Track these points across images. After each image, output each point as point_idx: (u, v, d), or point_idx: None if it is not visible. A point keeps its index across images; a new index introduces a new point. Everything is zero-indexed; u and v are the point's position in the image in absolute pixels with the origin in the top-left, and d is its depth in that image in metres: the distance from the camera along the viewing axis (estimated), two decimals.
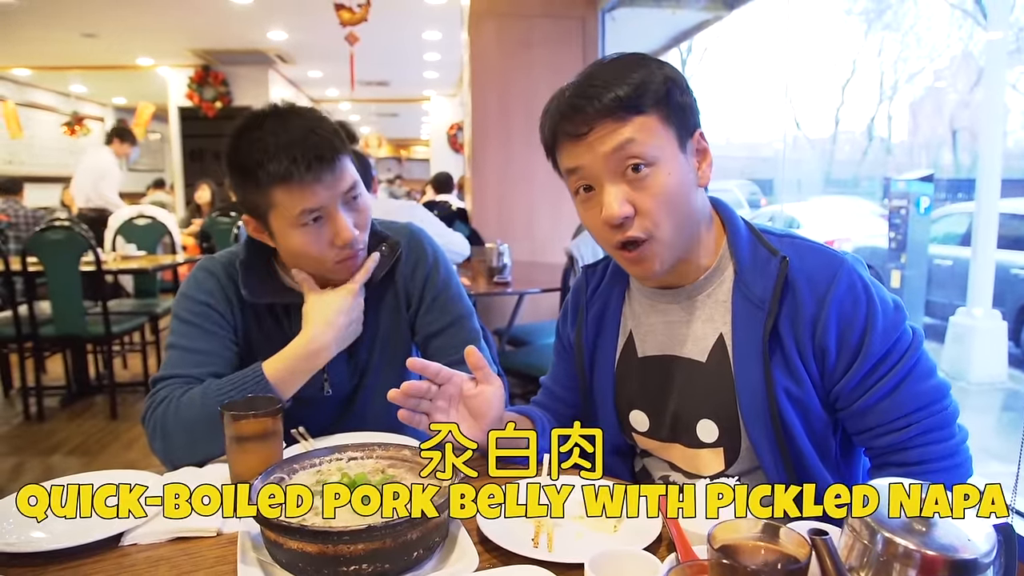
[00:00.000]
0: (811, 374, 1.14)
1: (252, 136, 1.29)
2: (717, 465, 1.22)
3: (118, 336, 4.54)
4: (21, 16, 7.60)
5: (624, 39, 5.23)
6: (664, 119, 1.09)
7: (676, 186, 1.09)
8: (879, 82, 10.32)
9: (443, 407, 1.20)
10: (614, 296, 1.33)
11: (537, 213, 5.29)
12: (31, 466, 3.78)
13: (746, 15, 5.25)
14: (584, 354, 1.34)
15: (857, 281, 1.12)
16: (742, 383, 1.16)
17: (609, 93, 1.06)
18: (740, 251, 1.18)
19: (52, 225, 4.26)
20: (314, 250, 1.33)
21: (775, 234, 1.20)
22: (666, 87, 1.08)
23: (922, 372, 1.12)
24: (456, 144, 13.30)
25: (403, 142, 21.83)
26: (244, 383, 1.31)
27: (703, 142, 1.15)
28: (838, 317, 1.11)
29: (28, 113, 11.69)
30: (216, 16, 7.77)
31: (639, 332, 1.29)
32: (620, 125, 1.07)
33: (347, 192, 1.33)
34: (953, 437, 1.12)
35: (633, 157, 1.07)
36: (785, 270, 1.12)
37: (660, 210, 1.09)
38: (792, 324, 1.13)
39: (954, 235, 6.43)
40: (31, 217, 6.46)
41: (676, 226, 1.11)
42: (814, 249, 1.16)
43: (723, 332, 1.19)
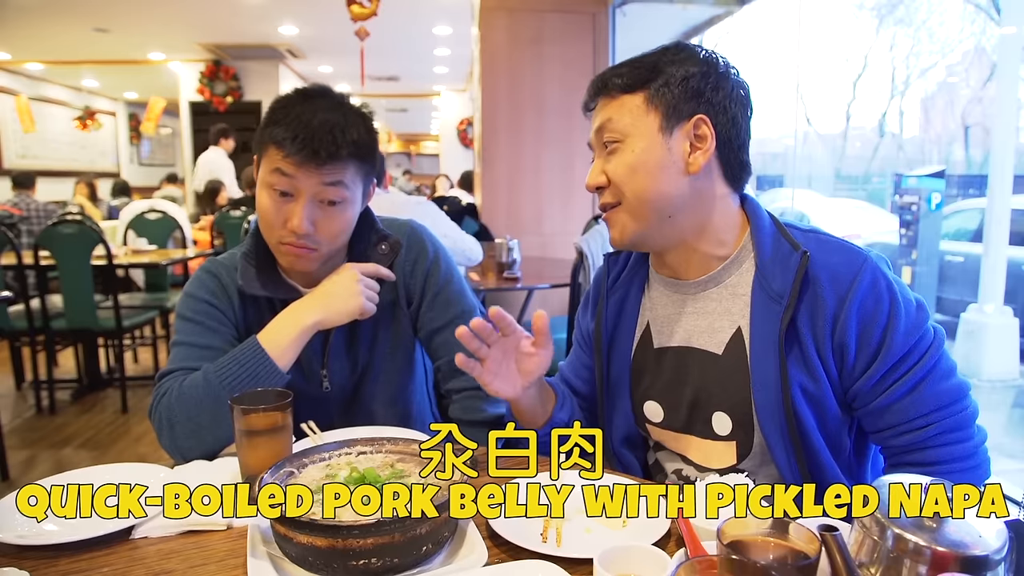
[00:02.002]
0: (828, 371, 1.13)
1: (291, 102, 1.35)
2: (729, 459, 1.22)
3: (129, 330, 4.55)
4: (34, 11, 7.64)
5: (635, 34, 5.22)
6: (648, 100, 1.15)
7: (639, 163, 1.15)
8: (891, 77, 10.26)
9: (497, 357, 1.18)
10: (634, 286, 1.34)
11: (547, 208, 5.29)
12: (43, 459, 3.81)
13: (757, 10, 5.22)
14: (602, 343, 1.34)
15: (880, 279, 1.11)
16: (758, 377, 1.15)
17: (616, 77, 1.18)
18: (762, 244, 1.18)
19: (64, 219, 4.28)
20: (268, 215, 1.36)
21: (800, 229, 1.20)
22: (667, 74, 1.14)
23: (942, 372, 1.11)
24: (466, 139, 13.29)
25: (413, 137, 21.81)
26: (240, 354, 1.33)
27: (705, 129, 1.14)
28: (859, 315, 1.10)
29: (40, 107, 11.75)
30: (227, 11, 7.78)
31: (656, 323, 1.30)
32: (609, 102, 1.19)
33: (327, 186, 1.33)
34: (972, 438, 1.11)
35: (607, 132, 1.18)
36: (806, 264, 1.12)
37: (622, 181, 1.17)
38: (811, 320, 1.12)
39: (966, 231, 6.40)
40: (43, 211, 6.50)
41: (639, 200, 1.16)
42: (838, 245, 1.16)
43: (741, 325, 1.19)
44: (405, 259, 1.52)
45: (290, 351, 1.35)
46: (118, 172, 13.84)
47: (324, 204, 1.35)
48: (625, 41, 5.19)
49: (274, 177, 1.33)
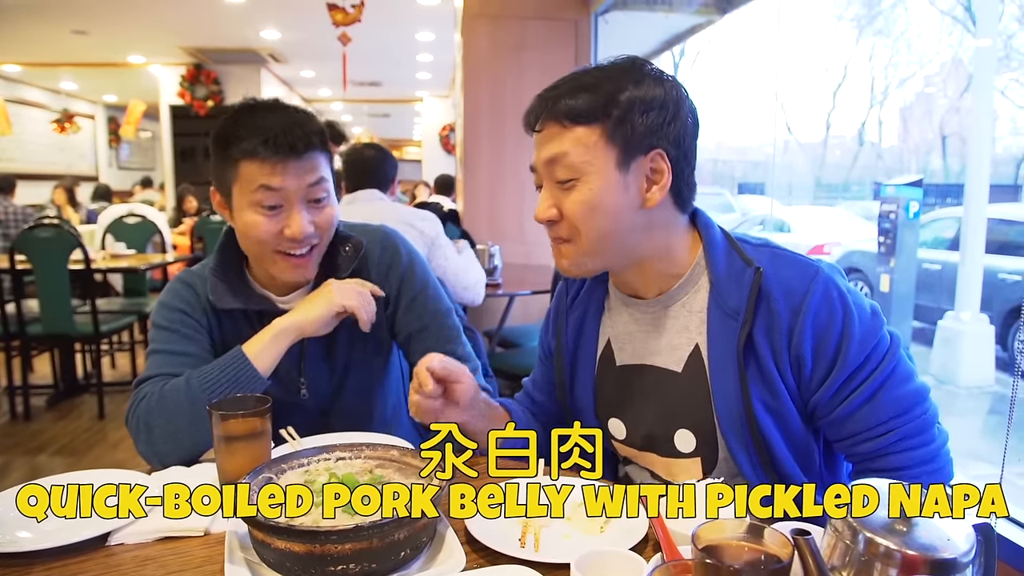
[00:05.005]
0: (787, 385, 1.14)
1: (240, 116, 1.35)
2: (695, 474, 1.22)
3: (107, 335, 4.52)
4: (11, 12, 7.55)
5: (617, 42, 5.24)
6: (607, 135, 1.10)
7: (596, 201, 1.11)
8: (870, 87, 10.38)
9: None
10: (593, 302, 1.34)
11: (528, 215, 5.22)
12: (17, 466, 3.76)
13: (739, 19, 5.27)
14: (564, 360, 1.35)
15: (833, 290, 1.11)
16: (718, 394, 1.16)
17: (566, 99, 1.11)
18: (715, 262, 1.17)
19: (41, 223, 4.23)
20: (260, 233, 1.35)
21: (752, 243, 1.20)
22: (624, 107, 1.09)
23: (899, 377, 1.12)
24: (448, 145, 13.28)
25: (395, 143, 21.72)
26: (222, 360, 1.35)
27: (661, 163, 1.11)
28: (814, 327, 1.11)
29: (17, 110, 11.61)
30: (208, 15, 7.74)
31: (617, 340, 1.30)
32: (562, 131, 1.12)
33: (312, 186, 1.36)
34: (933, 441, 1.12)
35: (561, 168, 1.12)
36: (759, 281, 1.12)
37: (577, 219, 1.13)
38: (767, 334, 1.13)
39: (943, 240, 6.48)
40: (20, 215, 6.41)
41: (595, 237, 1.14)
42: (789, 259, 1.16)
43: (699, 342, 1.19)
44: (379, 264, 1.53)
45: (267, 354, 1.36)
46: (96, 175, 13.70)
47: (312, 204, 1.37)
48: (607, 49, 5.21)
49: (259, 194, 1.33)
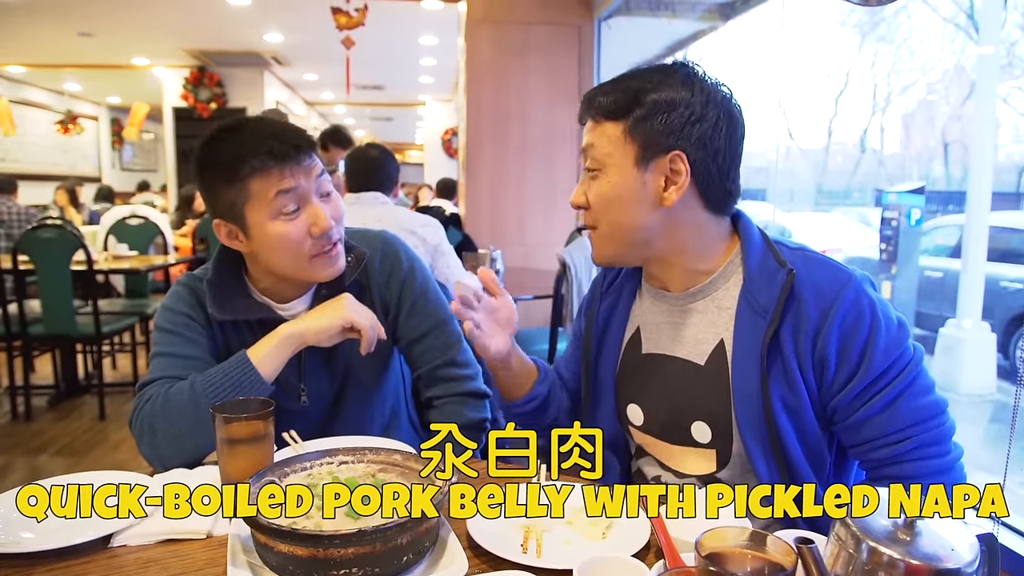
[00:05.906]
0: (808, 386, 1.15)
1: (230, 137, 1.33)
2: (708, 466, 1.24)
3: (108, 336, 4.52)
4: (17, 13, 7.57)
5: (620, 48, 5.25)
6: (628, 133, 1.16)
7: (612, 195, 1.19)
8: (872, 94, 10.37)
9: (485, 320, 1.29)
10: (625, 291, 1.39)
11: (530, 219, 5.30)
12: (18, 466, 3.76)
13: (742, 26, 5.27)
14: (592, 344, 1.39)
15: (863, 297, 1.13)
16: (739, 389, 1.18)
17: (600, 96, 1.19)
18: (750, 260, 1.20)
19: (44, 224, 4.24)
20: (293, 240, 1.34)
21: (788, 247, 1.23)
22: (647, 107, 1.14)
23: (920, 388, 1.13)
24: (451, 149, 13.29)
25: (397, 146, 21.72)
26: (227, 364, 1.34)
27: (680, 165, 1.15)
28: (840, 330, 1.12)
29: (21, 111, 11.64)
30: (212, 17, 7.76)
31: (646, 329, 1.33)
32: (595, 125, 1.21)
33: (319, 179, 1.37)
34: (948, 453, 1.13)
35: (589, 158, 1.21)
36: (791, 281, 1.14)
37: (599, 209, 1.22)
38: (794, 335, 1.14)
39: (945, 247, 6.47)
40: (23, 215, 6.43)
41: (612, 229, 1.22)
42: (823, 263, 1.18)
43: (724, 337, 1.21)
44: (380, 271, 1.53)
45: (271, 359, 1.35)
46: (99, 177, 13.72)
47: (324, 198, 1.39)
48: (610, 54, 5.22)
49: (278, 202, 1.32)
